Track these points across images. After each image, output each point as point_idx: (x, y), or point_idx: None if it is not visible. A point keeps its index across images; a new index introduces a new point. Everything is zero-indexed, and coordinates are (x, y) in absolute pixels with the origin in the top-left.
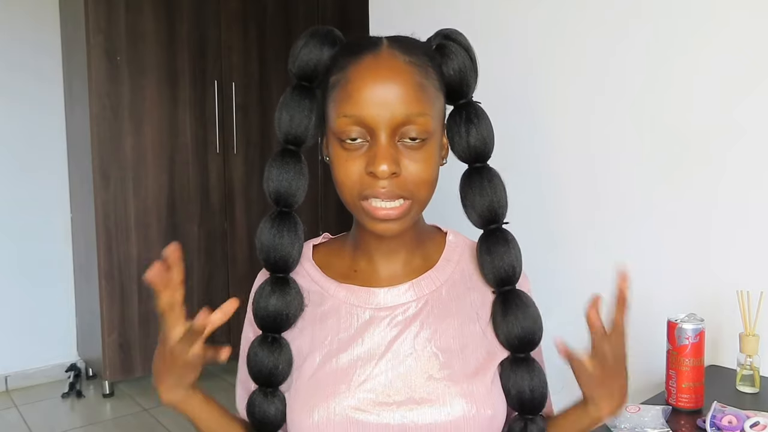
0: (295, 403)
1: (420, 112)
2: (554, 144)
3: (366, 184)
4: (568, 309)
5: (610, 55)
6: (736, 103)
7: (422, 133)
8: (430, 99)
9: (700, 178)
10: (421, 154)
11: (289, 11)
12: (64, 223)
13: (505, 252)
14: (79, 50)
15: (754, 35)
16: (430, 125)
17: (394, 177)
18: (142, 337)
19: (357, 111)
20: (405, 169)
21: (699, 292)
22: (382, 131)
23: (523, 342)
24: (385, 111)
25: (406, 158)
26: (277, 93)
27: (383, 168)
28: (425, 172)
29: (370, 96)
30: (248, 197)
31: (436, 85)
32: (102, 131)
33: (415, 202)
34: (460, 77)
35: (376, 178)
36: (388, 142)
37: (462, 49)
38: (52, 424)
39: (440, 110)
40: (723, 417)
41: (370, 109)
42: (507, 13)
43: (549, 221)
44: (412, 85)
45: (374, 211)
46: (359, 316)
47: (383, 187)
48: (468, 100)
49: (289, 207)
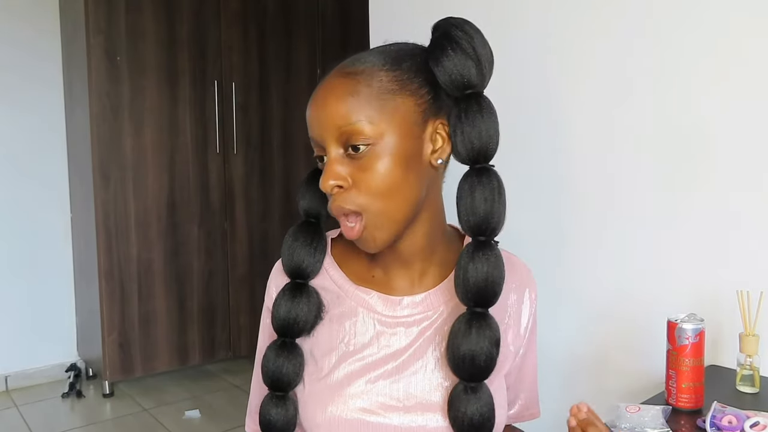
0: (309, 399)
1: (348, 121)
2: (552, 144)
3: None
4: (573, 306)
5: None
6: (736, 103)
7: (360, 139)
8: (366, 104)
9: (700, 178)
10: (366, 162)
11: (289, 11)
12: (64, 223)
13: (482, 267)
14: (79, 50)
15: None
16: (365, 130)
17: (341, 191)
18: (142, 337)
19: (310, 133)
20: (355, 181)
21: (699, 292)
22: (326, 144)
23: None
24: (320, 128)
25: (354, 168)
26: (277, 93)
27: (325, 185)
28: (374, 181)
29: (310, 118)
30: (248, 197)
31: (388, 87)
32: (102, 131)
33: (371, 215)
34: (450, 71)
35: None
36: (336, 157)
37: (456, 44)
38: (52, 424)
39: (392, 113)
40: (723, 417)
41: (312, 130)
42: (508, 13)
43: (547, 220)
44: (341, 97)
45: (344, 230)
46: (376, 321)
47: (333, 202)
48: (464, 94)
49: (317, 219)
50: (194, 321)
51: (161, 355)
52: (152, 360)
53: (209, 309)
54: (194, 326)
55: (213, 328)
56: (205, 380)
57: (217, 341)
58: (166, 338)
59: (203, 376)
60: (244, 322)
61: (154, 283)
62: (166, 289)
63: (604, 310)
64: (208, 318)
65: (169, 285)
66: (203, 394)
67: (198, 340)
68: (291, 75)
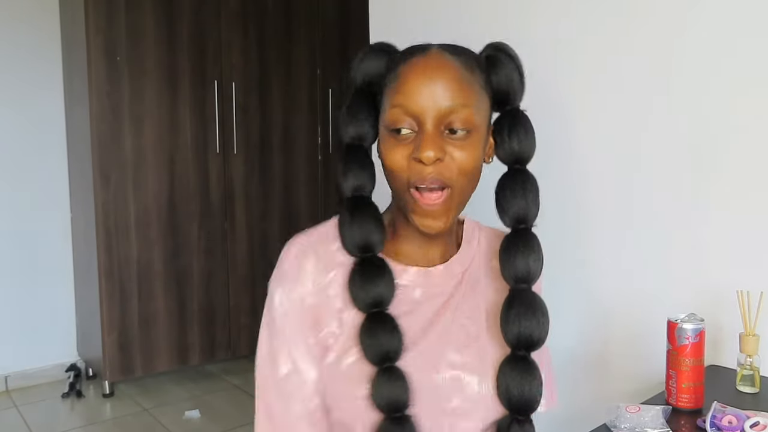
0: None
1: (463, 103)
2: (552, 146)
3: (413, 171)
4: (573, 307)
5: (613, 56)
6: (736, 103)
7: (466, 123)
8: (474, 93)
9: (700, 178)
10: (464, 144)
11: (289, 11)
12: (64, 223)
13: (529, 254)
14: (79, 50)
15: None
16: (473, 117)
17: (438, 163)
18: (142, 337)
19: (405, 101)
20: (449, 156)
21: (699, 292)
22: (428, 121)
23: (522, 341)
24: (431, 101)
25: (450, 146)
26: (277, 93)
27: (428, 154)
28: (467, 162)
29: (417, 88)
30: (248, 197)
31: (481, 84)
32: (102, 131)
33: (456, 192)
34: (506, 84)
35: (422, 164)
36: (433, 131)
37: (509, 58)
38: (52, 424)
39: (485, 109)
40: (723, 417)
41: (417, 100)
42: (510, 12)
43: (547, 221)
44: (457, 79)
45: (419, 204)
46: (410, 293)
47: (429, 172)
48: (514, 107)
49: (364, 192)
50: (194, 321)
51: (161, 355)
52: (152, 360)
53: (209, 309)
54: (194, 326)
55: (213, 328)
56: (205, 380)
57: (217, 341)
58: (166, 338)
59: (203, 376)
60: (244, 322)
61: (154, 283)
62: (166, 289)
63: (604, 310)
64: (208, 318)
65: (169, 285)
66: (203, 394)
67: (198, 340)
68: (291, 75)
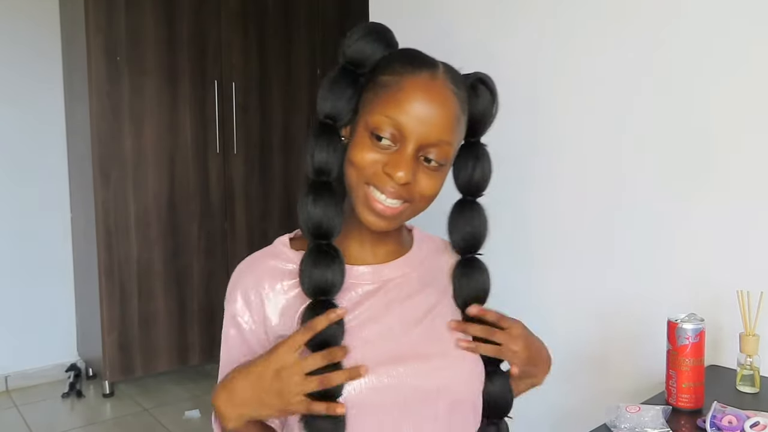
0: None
1: (448, 140)
2: (553, 145)
3: (378, 177)
4: (573, 307)
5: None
6: (736, 104)
7: (442, 158)
8: (459, 133)
9: (700, 179)
10: (433, 174)
11: (289, 11)
12: (64, 223)
13: (479, 277)
14: (79, 50)
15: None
16: (450, 154)
17: (405, 185)
18: (142, 337)
19: (399, 117)
20: (417, 181)
21: (699, 292)
22: (411, 144)
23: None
24: (423, 129)
25: (421, 173)
26: (277, 93)
27: (400, 174)
28: (431, 189)
29: (416, 110)
30: (248, 197)
31: (465, 120)
32: (102, 131)
33: (412, 209)
34: (481, 117)
35: (389, 178)
36: (412, 154)
37: (490, 94)
38: (52, 424)
39: (459, 143)
40: (723, 417)
41: (412, 123)
42: (510, 11)
43: (547, 221)
44: (453, 116)
45: (373, 202)
46: (357, 289)
47: (392, 187)
48: (478, 139)
49: (328, 177)
50: (194, 321)
51: (161, 355)
52: (152, 360)
53: (209, 309)
54: (194, 326)
55: (213, 328)
56: (205, 380)
57: (217, 341)
58: (166, 338)
59: (203, 376)
60: None
61: (154, 283)
62: (166, 289)
63: (605, 310)
64: (208, 318)
65: (169, 285)
66: (203, 394)
67: (198, 340)
68: (291, 75)
